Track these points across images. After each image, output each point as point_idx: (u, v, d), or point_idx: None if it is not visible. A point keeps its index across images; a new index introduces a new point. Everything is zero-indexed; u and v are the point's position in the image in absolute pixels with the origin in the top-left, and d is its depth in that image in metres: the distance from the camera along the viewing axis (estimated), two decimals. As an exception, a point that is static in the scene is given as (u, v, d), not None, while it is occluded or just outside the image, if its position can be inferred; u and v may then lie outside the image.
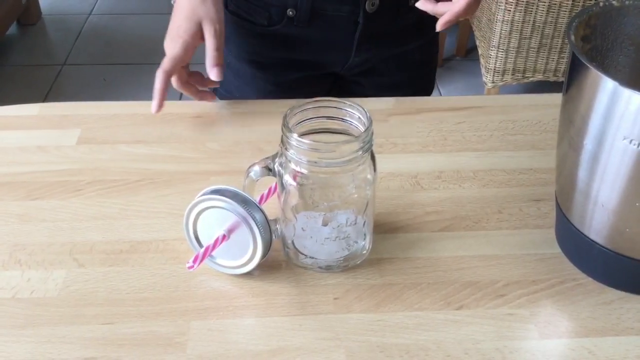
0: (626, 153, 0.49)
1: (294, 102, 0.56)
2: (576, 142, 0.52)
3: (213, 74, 0.76)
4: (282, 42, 0.88)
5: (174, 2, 0.79)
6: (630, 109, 0.47)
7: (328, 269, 0.60)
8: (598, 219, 0.54)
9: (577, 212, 0.56)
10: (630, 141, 0.48)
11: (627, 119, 0.47)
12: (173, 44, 0.76)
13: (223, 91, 0.92)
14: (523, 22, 1.77)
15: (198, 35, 0.76)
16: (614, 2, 0.55)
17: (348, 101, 0.57)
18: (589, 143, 0.51)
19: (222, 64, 0.77)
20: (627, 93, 0.47)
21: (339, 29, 0.86)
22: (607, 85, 0.48)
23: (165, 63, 0.75)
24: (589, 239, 0.55)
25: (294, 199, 0.57)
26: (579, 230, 0.56)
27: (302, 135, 0.54)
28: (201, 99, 0.81)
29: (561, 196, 0.59)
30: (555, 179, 0.60)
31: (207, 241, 0.58)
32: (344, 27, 0.86)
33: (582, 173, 0.53)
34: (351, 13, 0.85)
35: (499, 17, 1.77)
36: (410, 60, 0.94)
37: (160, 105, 0.75)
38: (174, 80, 0.77)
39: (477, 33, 2.03)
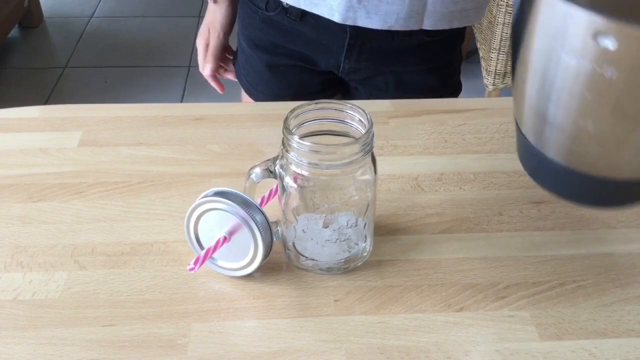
0: (568, 70, 0.45)
1: (295, 105, 0.57)
2: (525, 61, 0.50)
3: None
4: (277, 29, 0.90)
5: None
6: (573, 26, 0.45)
7: (329, 271, 0.60)
8: (548, 135, 0.51)
9: (530, 129, 0.52)
10: (573, 58, 0.45)
11: (572, 36, 0.44)
12: (198, 45, 1.02)
13: (238, 66, 1.03)
14: (524, 24, 1.77)
15: (209, 38, 1.01)
16: None
17: (349, 103, 0.57)
18: (536, 61, 0.49)
19: (211, 66, 1.01)
20: (570, 10, 0.44)
21: (329, 31, 0.87)
22: (552, 3, 0.45)
23: (201, 64, 1.02)
24: (543, 154, 0.51)
25: (294, 201, 0.57)
26: (533, 145, 0.52)
27: (303, 137, 0.55)
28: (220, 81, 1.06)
29: (517, 115, 0.55)
30: (513, 99, 0.58)
31: (208, 243, 0.58)
32: (334, 32, 0.87)
33: (531, 90, 0.50)
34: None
35: (499, 19, 1.78)
36: (410, 83, 0.93)
37: (221, 88, 1.05)
38: (206, 74, 1.02)
39: (477, 36, 2.04)
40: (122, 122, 0.79)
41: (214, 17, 1.00)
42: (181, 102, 2.24)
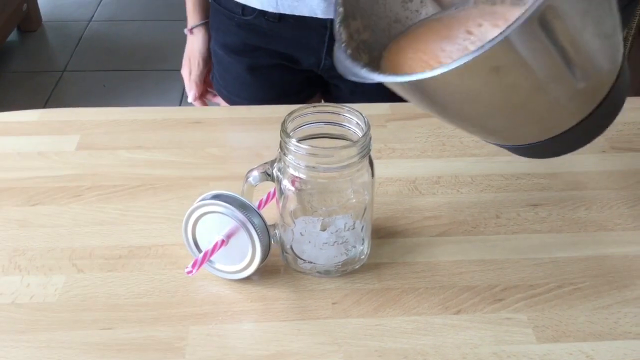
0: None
1: (292, 108, 0.57)
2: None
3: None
4: (256, 32, 0.90)
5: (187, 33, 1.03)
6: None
7: (326, 273, 0.60)
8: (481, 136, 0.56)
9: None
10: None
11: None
12: (183, 75, 1.05)
13: (214, 80, 1.03)
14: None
15: (190, 67, 1.04)
16: None
17: (346, 107, 0.57)
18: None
19: (194, 92, 1.05)
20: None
21: (309, 29, 0.87)
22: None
23: (187, 92, 1.06)
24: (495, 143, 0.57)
25: (292, 204, 0.57)
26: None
27: (300, 140, 0.55)
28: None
29: None
30: None
31: (206, 246, 0.58)
32: (314, 29, 0.87)
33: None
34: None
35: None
36: None
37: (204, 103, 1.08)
38: (190, 100, 1.06)
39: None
40: (120, 125, 0.79)
41: (192, 46, 1.02)
42: (179, 105, 2.25)
